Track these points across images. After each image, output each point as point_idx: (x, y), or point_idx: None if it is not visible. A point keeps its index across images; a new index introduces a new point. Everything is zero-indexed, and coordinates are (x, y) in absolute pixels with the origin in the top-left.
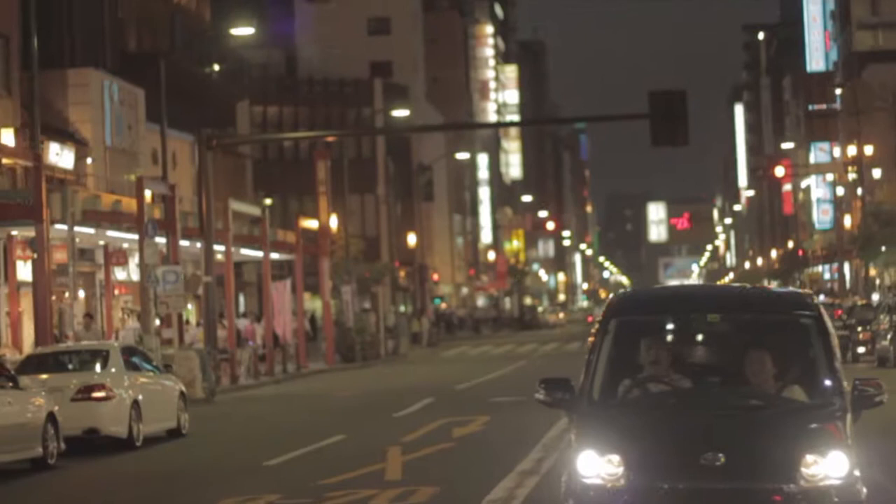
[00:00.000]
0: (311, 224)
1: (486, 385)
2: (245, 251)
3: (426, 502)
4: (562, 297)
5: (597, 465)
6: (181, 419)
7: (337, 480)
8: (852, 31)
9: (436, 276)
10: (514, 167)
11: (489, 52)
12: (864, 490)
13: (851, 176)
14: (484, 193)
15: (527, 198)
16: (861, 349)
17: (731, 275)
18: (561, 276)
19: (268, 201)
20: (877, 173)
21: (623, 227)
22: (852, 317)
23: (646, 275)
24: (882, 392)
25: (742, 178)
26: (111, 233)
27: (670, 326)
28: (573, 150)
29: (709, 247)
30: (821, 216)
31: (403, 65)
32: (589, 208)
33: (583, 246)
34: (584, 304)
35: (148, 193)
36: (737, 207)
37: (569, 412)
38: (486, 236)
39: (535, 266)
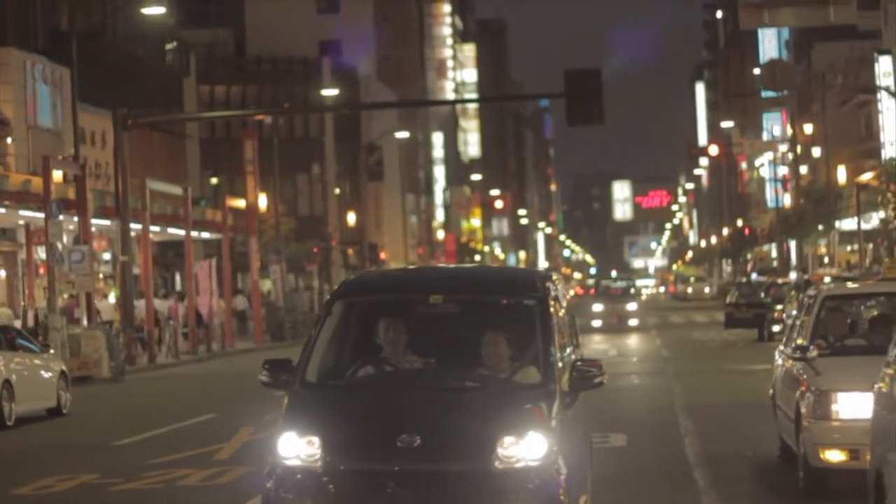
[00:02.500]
0: (240, 203)
1: None
2: (173, 230)
3: (230, 482)
4: None
5: (297, 447)
6: (62, 398)
7: (167, 460)
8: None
9: (383, 255)
10: (472, 146)
11: (447, 30)
12: (565, 471)
13: (791, 155)
14: (439, 172)
15: (476, 176)
16: (776, 328)
17: (690, 253)
18: (522, 255)
19: (214, 180)
20: (816, 152)
21: (590, 206)
22: (768, 296)
23: (611, 253)
24: (602, 373)
25: (703, 158)
26: (23, 212)
27: (397, 308)
28: (536, 129)
29: (668, 225)
30: (773, 194)
31: (353, 43)
32: (553, 187)
33: (541, 224)
34: None
35: (59, 174)
36: (689, 185)
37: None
38: (441, 215)
39: (496, 245)
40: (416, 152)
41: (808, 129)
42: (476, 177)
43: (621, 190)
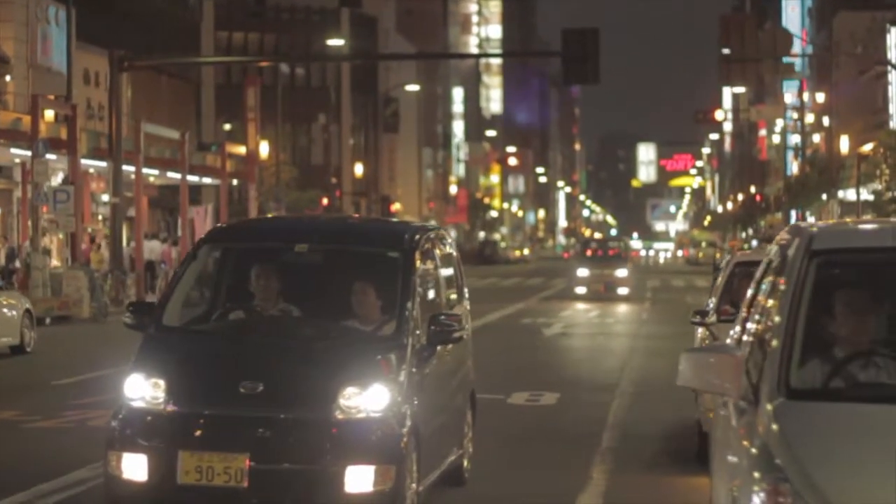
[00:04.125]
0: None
1: None
2: (172, 174)
3: None
4: (541, 234)
5: (142, 388)
6: (25, 336)
7: (92, 401)
8: None
9: (393, 208)
10: (494, 102)
11: None
12: (409, 423)
13: (799, 124)
14: (458, 127)
15: (491, 132)
16: None
17: (709, 218)
18: (541, 213)
19: (227, 126)
20: (826, 121)
21: (615, 167)
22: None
23: (633, 215)
24: (461, 328)
25: (727, 123)
26: (16, 150)
27: (266, 256)
28: (562, 87)
29: (687, 189)
30: (791, 162)
31: None
32: (577, 146)
33: (560, 183)
34: (564, 241)
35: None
36: (706, 150)
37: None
38: (460, 170)
39: (514, 202)
40: (435, 106)
41: (821, 97)
42: (490, 132)
43: (646, 152)
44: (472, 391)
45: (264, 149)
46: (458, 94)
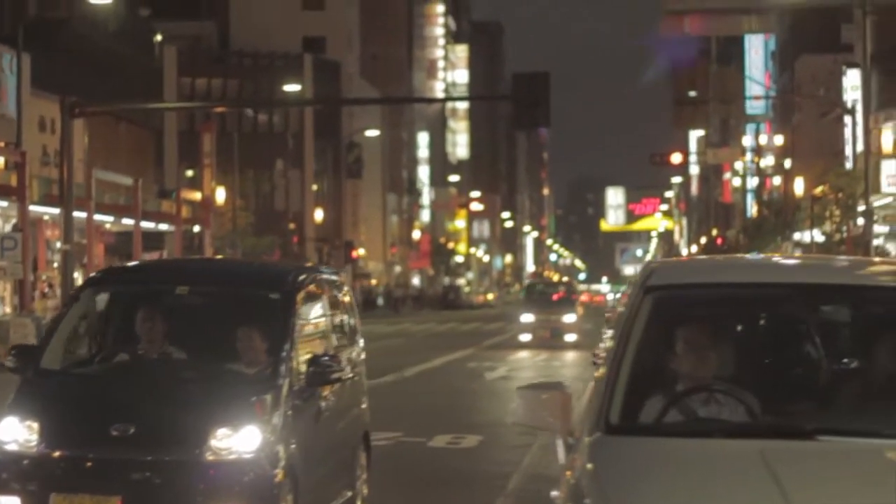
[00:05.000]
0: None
1: None
2: (127, 221)
3: None
4: (507, 279)
5: (16, 431)
6: None
7: None
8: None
9: (355, 253)
10: (461, 147)
11: (439, 31)
12: (282, 464)
13: (767, 163)
14: (424, 173)
15: (454, 177)
16: None
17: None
18: (508, 258)
19: (189, 173)
20: (787, 164)
21: (585, 211)
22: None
23: (602, 259)
24: (340, 369)
25: (693, 166)
26: None
27: (149, 298)
28: (530, 132)
29: (653, 233)
30: (752, 205)
31: (337, 40)
32: (546, 191)
33: (527, 228)
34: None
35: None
36: (668, 194)
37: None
38: (426, 215)
39: (483, 247)
40: (400, 152)
41: (779, 140)
42: (454, 178)
43: (615, 196)
44: (365, 432)
45: (221, 194)
46: (423, 138)
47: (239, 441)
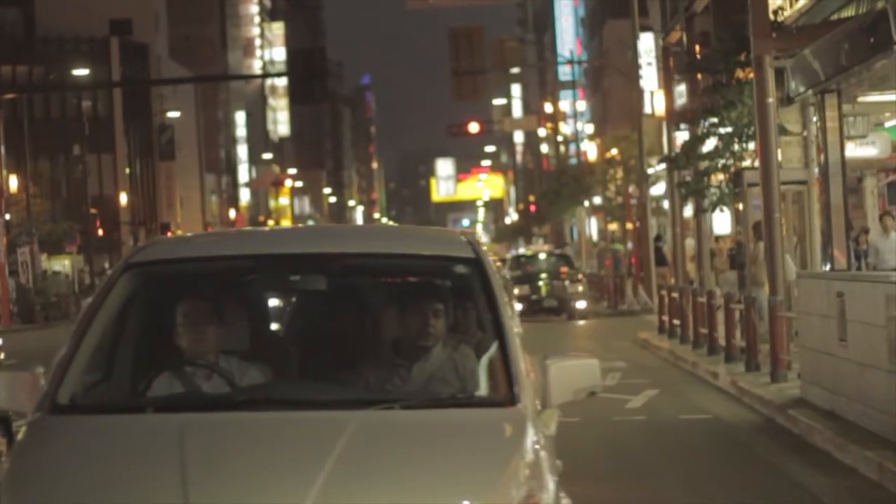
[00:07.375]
0: None
1: None
2: None
3: None
4: None
5: None
6: None
7: None
8: None
9: (170, 235)
10: (282, 125)
11: (254, 8)
12: None
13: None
14: (242, 151)
15: (267, 155)
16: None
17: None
18: None
19: None
20: (590, 129)
21: (417, 184)
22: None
23: None
24: None
25: (517, 134)
26: None
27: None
28: (356, 108)
29: (479, 202)
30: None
31: (144, 22)
32: (375, 164)
33: (352, 203)
34: None
35: None
36: (485, 162)
37: None
38: (246, 194)
39: (310, 223)
40: (216, 132)
41: (581, 106)
42: (267, 155)
43: (444, 167)
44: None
45: (14, 182)
46: (240, 117)
47: None
